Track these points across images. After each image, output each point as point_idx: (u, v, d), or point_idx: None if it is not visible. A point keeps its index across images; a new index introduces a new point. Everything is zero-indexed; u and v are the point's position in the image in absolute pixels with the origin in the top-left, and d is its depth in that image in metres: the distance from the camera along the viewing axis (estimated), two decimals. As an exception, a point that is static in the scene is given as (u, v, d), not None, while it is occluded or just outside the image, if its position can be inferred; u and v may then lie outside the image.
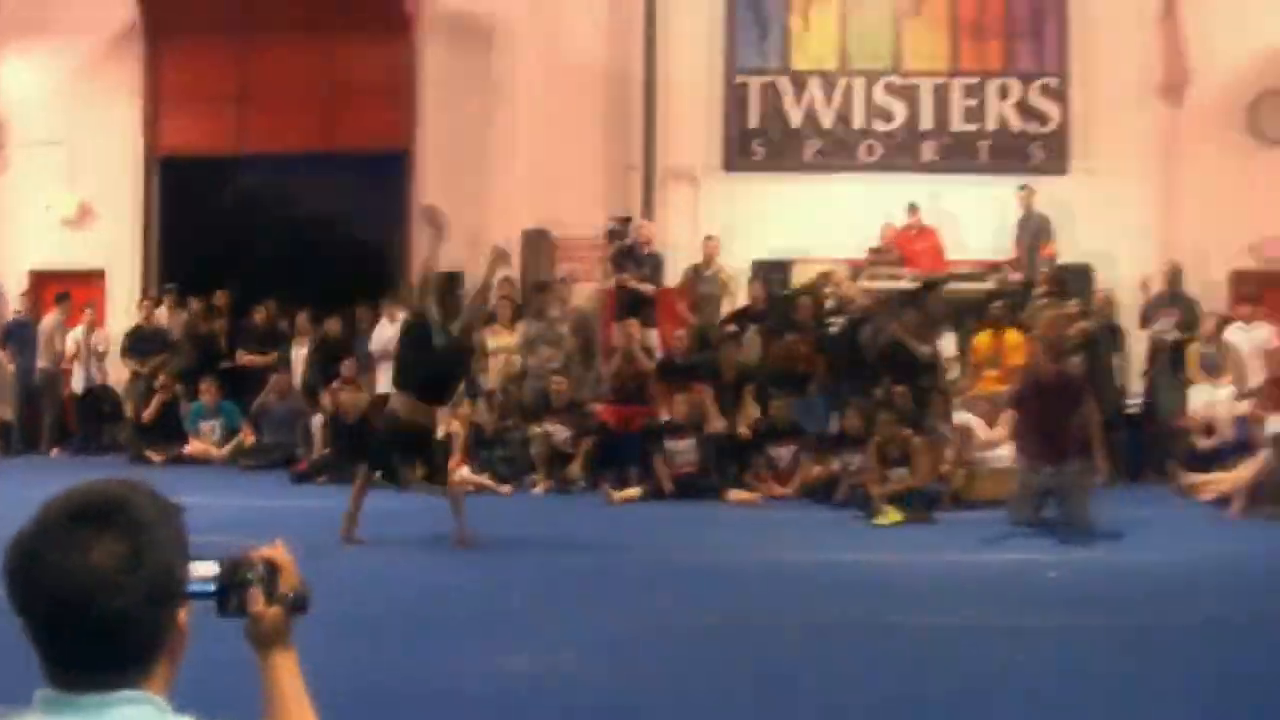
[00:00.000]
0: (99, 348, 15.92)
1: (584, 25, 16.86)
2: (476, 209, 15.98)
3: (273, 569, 2.01)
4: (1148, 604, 8.42)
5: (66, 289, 16.54)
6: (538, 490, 13.27)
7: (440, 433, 12.76)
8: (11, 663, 1.88)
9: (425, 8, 16.93)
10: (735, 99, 17.13)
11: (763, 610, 7.74)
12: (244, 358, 15.69)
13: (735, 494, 12.82)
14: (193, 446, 14.72)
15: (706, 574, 9.05)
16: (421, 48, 16.89)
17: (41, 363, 15.95)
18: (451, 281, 11.90)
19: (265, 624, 1.98)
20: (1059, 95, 17.00)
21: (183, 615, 1.73)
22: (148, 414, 15.05)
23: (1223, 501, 12.38)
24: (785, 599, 8.13)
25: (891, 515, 11.38)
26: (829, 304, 14.95)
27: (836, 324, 14.69)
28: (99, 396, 15.83)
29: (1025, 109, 17.17)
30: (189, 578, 1.83)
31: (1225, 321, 15.16)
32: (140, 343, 15.74)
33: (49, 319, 16.14)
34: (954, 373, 14.87)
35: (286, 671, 2.03)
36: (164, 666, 1.70)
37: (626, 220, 16.27)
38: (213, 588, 1.90)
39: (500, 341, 14.76)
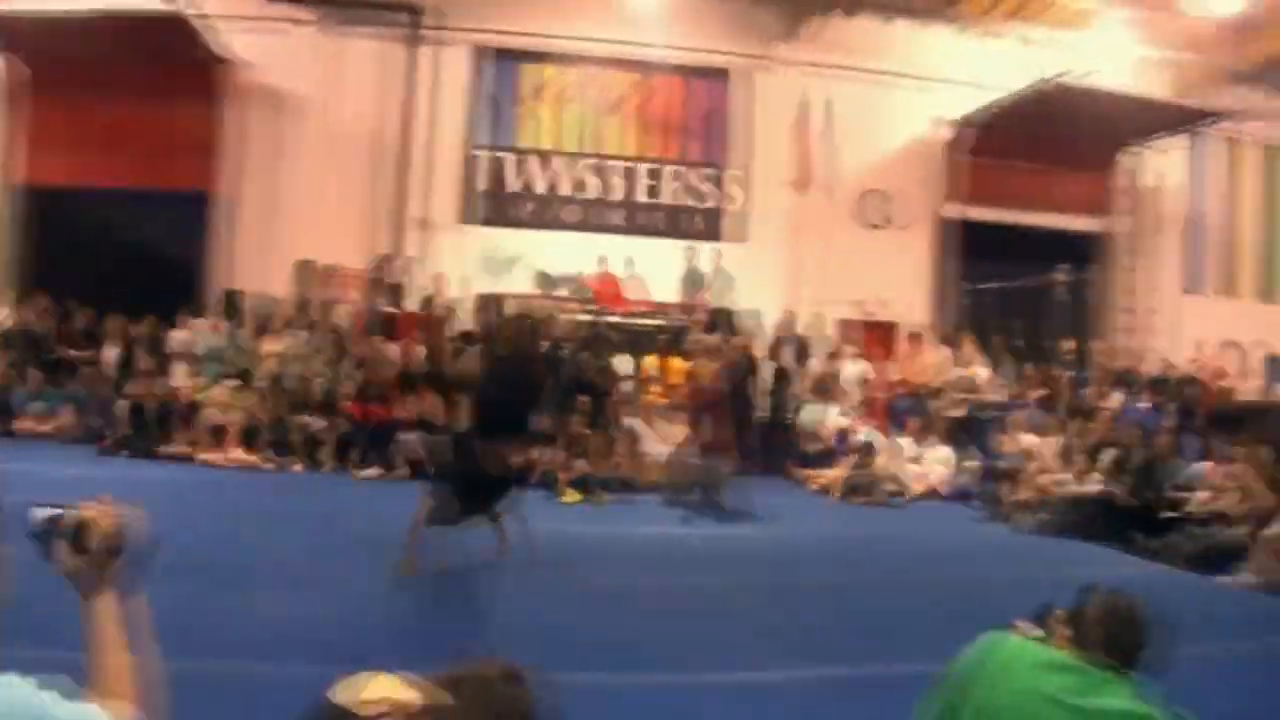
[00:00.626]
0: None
1: (356, 100, 18.91)
2: (265, 242, 18.14)
3: (81, 525, 2.21)
4: (771, 566, 10.05)
5: (-65, 293, 17.17)
6: (297, 469, 14.68)
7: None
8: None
9: (233, 78, 18.48)
10: (471, 166, 19.37)
11: (474, 568, 8.87)
12: (67, 353, 16.79)
13: (455, 476, 15.04)
14: (21, 424, 15.66)
15: (429, 538, 9.53)
16: (229, 110, 18.55)
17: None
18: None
19: (71, 574, 2.20)
20: (718, 181, 19.85)
21: None
22: (-15, 396, 15.98)
23: (825, 491, 15.31)
24: (493, 560, 9.11)
25: (573, 495, 13.43)
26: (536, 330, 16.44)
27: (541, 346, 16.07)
28: (-55, 383, 16.29)
29: (694, 189, 19.87)
30: (36, 520, 2.22)
31: (834, 356, 18.03)
32: (-16, 337, 16.79)
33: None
34: (629, 387, 16.91)
35: (102, 614, 2.20)
36: None
37: (385, 257, 18.19)
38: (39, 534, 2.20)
39: (273, 347, 16.30)
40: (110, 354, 16.86)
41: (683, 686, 6.29)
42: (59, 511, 2.22)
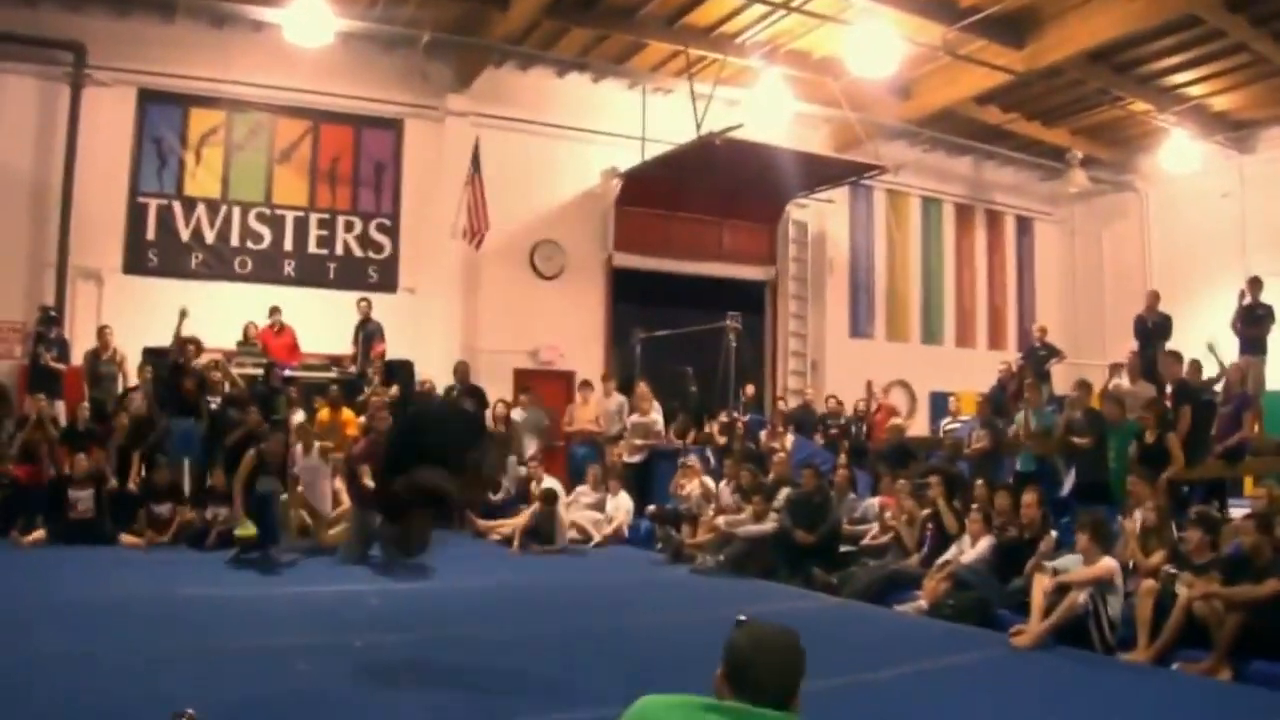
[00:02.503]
0: None
1: (16, 142, 18.58)
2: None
3: None
4: (449, 621, 10.21)
5: None
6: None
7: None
8: None
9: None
10: (137, 214, 19.37)
11: (142, 639, 8.50)
12: None
13: (125, 538, 14.56)
14: None
15: (100, 606, 9.96)
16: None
17: None
18: None
19: None
20: (391, 232, 20.88)
21: None
22: None
23: (507, 541, 15.91)
24: (171, 625, 9.16)
25: (248, 529, 13.53)
26: (208, 384, 16.83)
27: (214, 401, 16.69)
28: None
29: (365, 240, 20.81)
30: None
31: (511, 406, 18.88)
32: None
33: None
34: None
35: None
36: None
37: (50, 309, 17.77)
38: None
39: (-70, 407, 15.49)
40: None
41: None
42: None
